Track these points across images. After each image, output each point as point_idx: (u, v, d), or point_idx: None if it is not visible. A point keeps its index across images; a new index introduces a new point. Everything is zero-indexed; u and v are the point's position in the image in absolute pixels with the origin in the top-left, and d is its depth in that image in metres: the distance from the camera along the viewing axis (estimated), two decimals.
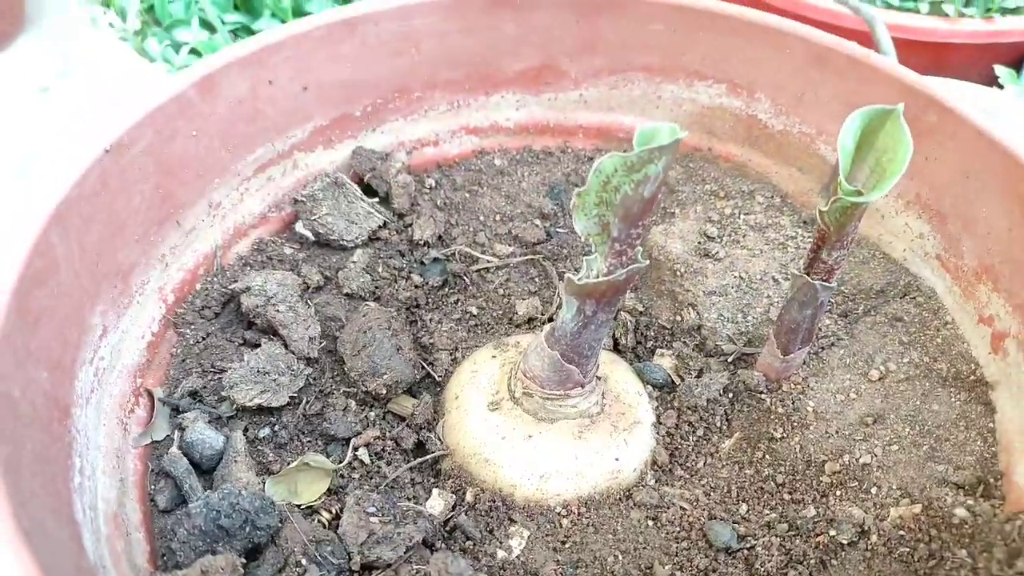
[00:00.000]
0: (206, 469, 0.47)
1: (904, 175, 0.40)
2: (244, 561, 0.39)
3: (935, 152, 0.52)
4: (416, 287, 0.59)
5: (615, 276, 0.43)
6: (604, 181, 0.40)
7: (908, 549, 0.42)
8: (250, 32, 0.77)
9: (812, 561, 0.42)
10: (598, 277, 0.43)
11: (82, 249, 0.44)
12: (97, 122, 0.49)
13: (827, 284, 0.46)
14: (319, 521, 0.45)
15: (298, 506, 0.46)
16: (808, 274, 0.46)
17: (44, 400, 0.39)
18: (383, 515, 0.45)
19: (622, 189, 0.40)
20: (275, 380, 0.50)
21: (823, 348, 0.52)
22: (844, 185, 0.40)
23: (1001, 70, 1.02)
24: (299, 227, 0.59)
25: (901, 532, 0.43)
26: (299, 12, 0.77)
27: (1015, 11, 1.10)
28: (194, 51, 0.73)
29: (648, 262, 0.57)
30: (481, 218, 0.63)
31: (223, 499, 0.40)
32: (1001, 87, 1.00)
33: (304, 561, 0.41)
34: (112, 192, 0.46)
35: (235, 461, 0.46)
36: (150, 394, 0.48)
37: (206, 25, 0.73)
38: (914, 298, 0.53)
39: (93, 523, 0.39)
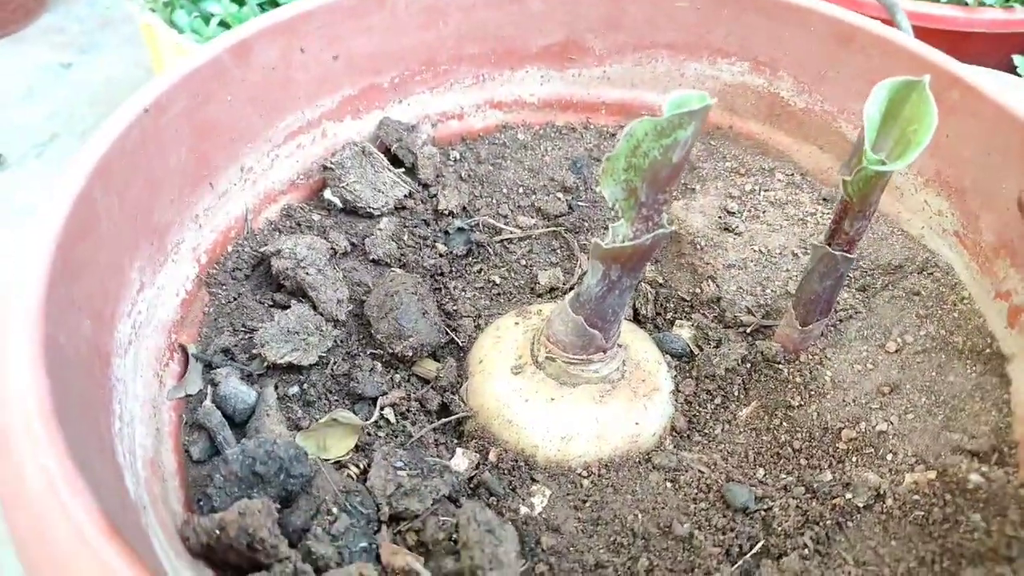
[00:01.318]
0: (238, 423, 0.48)
1: (924, 153, 0.40)
2: (279, 507, 0.41)
3: (957, 130, 0.53)
4: (440, 255, 0.60)
5: (641, 241, 0.44)
6: (634, 145, 0.41)
7: (923, 513, 0.43)
8: (276, 5, 0.78)
9: (828, 522, 0.44)
10: (624, 242, 0.44)
11: (122, 205, 0.45)
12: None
13: (848, 255, 0.47)
14: (348, 474, 0.46)
15: (326, 460, 0.48)
16: (829, 245, 0.47)
17: (87, 348, 0.40)
18: (410, 469, 0.46)
19: (651, 154, 0.41)
20: (305, 340, 0.51)
21: (841, 320, 0.53)
22: (869, 154, 0.41)
23: (1019, 59, 1.02)
24: (327, 194, 0.60)
25: (916, 497, 0.44)
26: None
27: None
28: (223, 23, 0.74)
29: (673, 227, 0.58)
30: (504, 190, 0.64)
31: (259, 446, 0.41)
32: (1020, 77, 1.01)
33: (335, 510, 0.43)
34: (150, 151, 0.48)
35: (267, 415, 0.48)
36: (184, 349, 0.50)
37: None
38: (931, 273, 0.54)
39: (132, 466, 0.40)
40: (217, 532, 0.38)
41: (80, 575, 0.28)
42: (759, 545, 0.44)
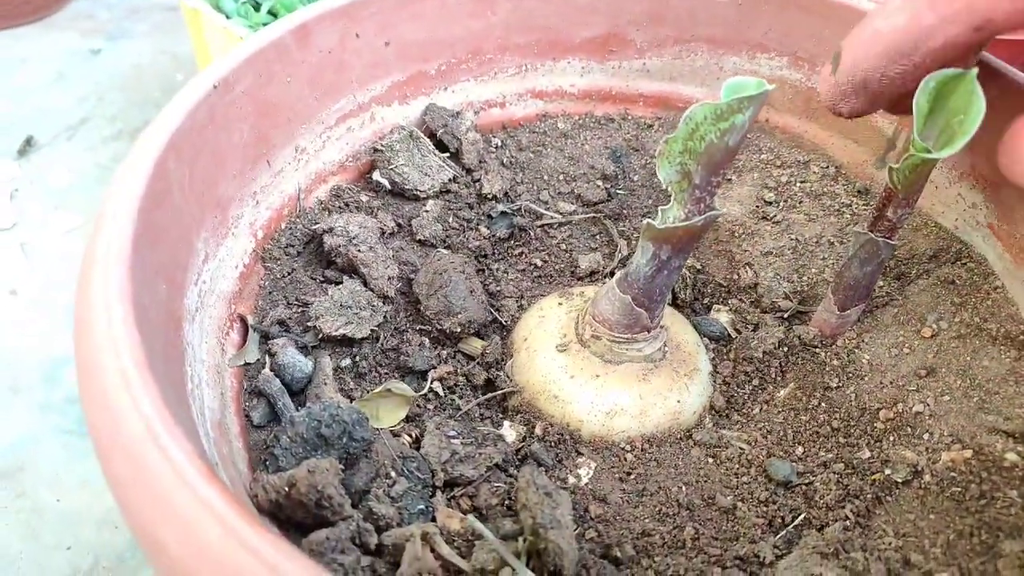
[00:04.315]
0: (295, 391, 0.50)
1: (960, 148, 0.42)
2: (342, 467, 0.42)
3: (993, 124, 0.54)
4: (484, 238, 0.62)
5: (693, 222, 0.45)
6: (692, 129, 0.42)
7: (960, 489, 0.44)
8: None
9: (868, 496, 0.45)
10: (676, 223, 0.46)
11: (192, 177, 0.47)
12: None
13: (889, 241, 0.49)
14: (402, 442, 0.48)
15: (379, 430, 0.49)
16: (871, 231, 0.49)
17: (164, 311, 0.42)
18: (463, 438, 0.48)
19: (708, 137, 0.43)
20: (357, 314, 0.53)
21: (877, 307, 0.55)
22: (917, 141, 0.43)
23: None
24: (376, 175, 0.61)
25: (953, 474, 0.45)
26: None
27: None
28: (271, 12, 0.76)
29: (724, 210, 0.59)
30: (545, 177, 0.66)
31: (324, 410, 0.43)
32: None
33: (393, 474, 0.44)
34: (217, 127, 0.49)
35: (324, 383, 0.49)
36: (243, 320, 0.51)
37: None
38: (965, 263, 0.56)
39: (204, 427, 0.42)
40: (286, 489, 0.40)
41: (181, 511, 0.30)
42: (801, 517, 0.45)
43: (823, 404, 0.51)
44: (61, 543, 0.77)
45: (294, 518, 0.41)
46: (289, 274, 0.55)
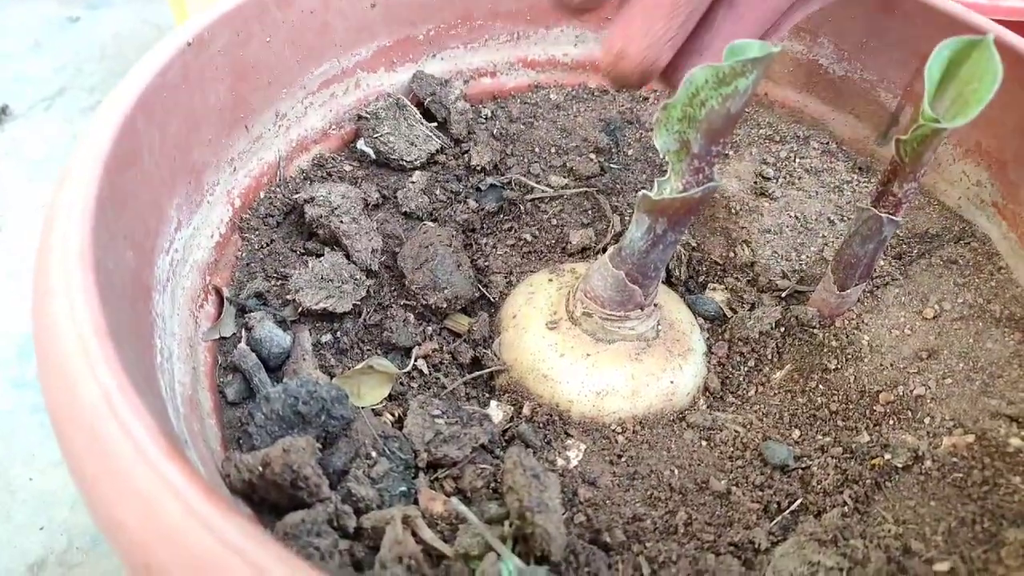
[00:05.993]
0: (272, 367, 0.47)
1: (965, 124, 0.40)
2: (320, 447, 0.40)
3: (1002, 99, 0.52)
4: (472, 211, 0.59)
5: (691, 193, 0.43)
6: (692, 94, 0.40)
7: (962, 475, 0.43)
8: None
9: (868, 481, 0.43)
10: (673, 194, 0.44)
11: (163, 140, 0.44)
12: None
13: (893, 218, 0.47)
14: (384, 421, 0.46)
15: (360, 408, 0.47)
16: (875, 207, 0.47)
17: (131, 279, 0.39)
18: (448, 418, 0.46)
19: (708, 103, 0.40)
20: (339, 287, 0.50)
21: (877, 287, 0.53)
22: (927, 112, 0.41)
23: None
24: (361, 144, 0.59)
25: (954, 459, 0.44)
26: None
27: None
28: None
29: (723, 181, 0.57)
30: (536, 150, 0.64)
31: (301, 386, 0.41)
32: None
33: (374, 454, 0.42)
34: (191, 87, 0.47)
35: (303, 359, 0.47)
36: (218, 292, 0.49)
37: None
38: (968, 243, 0.54)
39: (173, 402, 0.40)
40: (260, 468, 0.38)
41: (140, 489, 0.27)
42: (798, 502, 0.44)
43: (821, 386, 0.50)
44: (34, 523, 0.75)
45: (269, 499, 0.39)
46: (268, 245, 0.53)
